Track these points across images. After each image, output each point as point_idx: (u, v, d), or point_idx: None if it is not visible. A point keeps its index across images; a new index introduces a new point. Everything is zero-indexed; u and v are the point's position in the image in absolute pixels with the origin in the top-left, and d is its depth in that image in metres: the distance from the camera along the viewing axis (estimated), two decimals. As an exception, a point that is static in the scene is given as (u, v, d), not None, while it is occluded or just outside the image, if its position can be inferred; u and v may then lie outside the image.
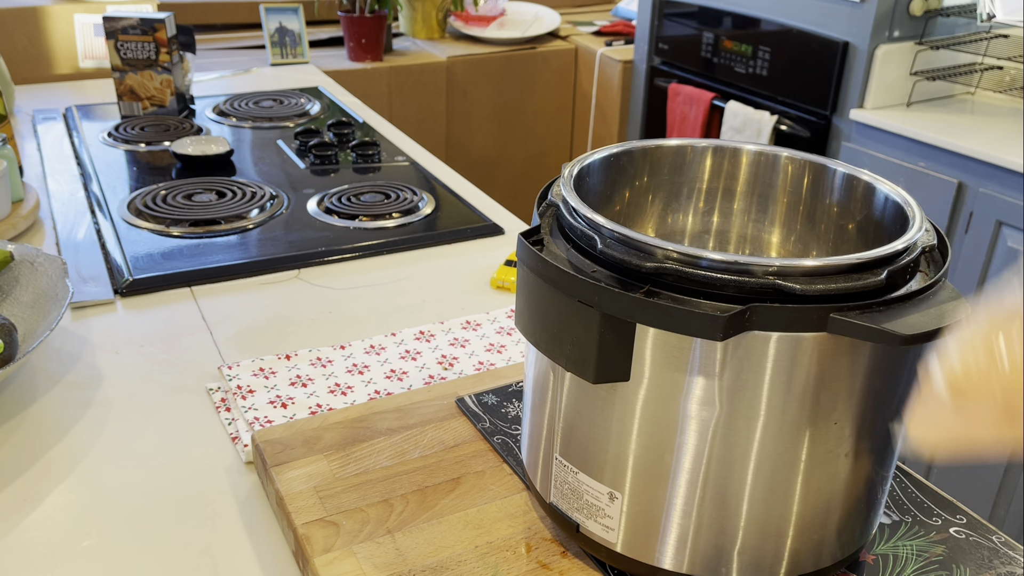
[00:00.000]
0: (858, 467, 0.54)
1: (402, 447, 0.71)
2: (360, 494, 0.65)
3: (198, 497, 0.71)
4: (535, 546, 0.61)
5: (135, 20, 1.59)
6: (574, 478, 0.58)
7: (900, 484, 0.68)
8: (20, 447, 0.77)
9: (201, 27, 2.43)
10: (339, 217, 1.21)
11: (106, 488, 0.72)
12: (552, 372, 0.57)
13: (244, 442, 0.76)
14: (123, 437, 0.78)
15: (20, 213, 1.17)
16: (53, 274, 0.90)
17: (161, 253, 1.10)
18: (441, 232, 1.18)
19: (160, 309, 0.99)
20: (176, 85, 1.65)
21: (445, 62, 2.51)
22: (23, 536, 0.67)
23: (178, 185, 1.29)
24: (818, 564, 0.57)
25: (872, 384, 0.51)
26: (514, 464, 0.69)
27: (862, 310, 0.47)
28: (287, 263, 1.09)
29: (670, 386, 0.51)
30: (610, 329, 0.50)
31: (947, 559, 0.61)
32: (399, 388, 0.84)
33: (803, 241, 0.68)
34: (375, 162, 1.44)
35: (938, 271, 0.52)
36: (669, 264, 0.49)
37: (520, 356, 0.91)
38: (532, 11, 2.81)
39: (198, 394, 0.84)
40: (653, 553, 0.56)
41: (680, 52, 2.37)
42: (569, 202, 0.55)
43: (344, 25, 2.41)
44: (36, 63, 2.09)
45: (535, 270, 0.53)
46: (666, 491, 0.54)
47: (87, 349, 0.91)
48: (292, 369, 0.86)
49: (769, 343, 0.48)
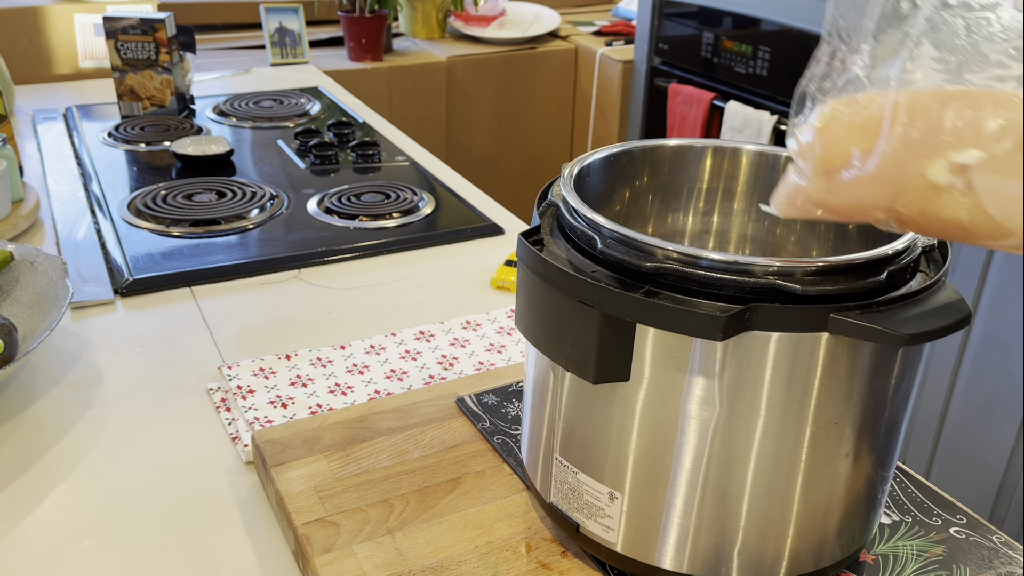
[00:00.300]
0: (858, 467, 0.54)
1: (402, 447, 0.71)
2: (360, 494, 0.65)
3: (198, 497, 0.71)
4: (535, 546, 0.61)
5: (135, 20, 1.59)
6: (574, 478, 0.58)
7: (900, 484, 0.68)
8: (20, 447, 0.77)
9: (201, 27, 2.43)
10: (339, 217, 1.21)
11: (106, 488, 0.72)
12: (552, 372, 0.57)
13: (244, 442, 0.76)
14: (123, 437, 0.78)
15: (20, 213, 1.17)
16: (53, 274, 0.90)
17: (161, 253, 1.10)
18: (441, 232, 1.18)
19: (160, 309, 0.99)
20: (176, 85, 1.65)
21: (445, 62, 2.51)
22: (23, 536, 0.67)
23: (178, 185, 1.29)
24: (818, 564, 0.57)
25: (872, 384, 0.51)
26: (514, 464, 0.69)
27: (862, 310, 0.47)
28: (287, 263, 1.09)
29: (670, 386, 0.51)
30: (610, 329, 0.50)
31: (947, 559, 0.61)
32: (399, 388, 0.84)
33: (803, 241, 0.68)
34: (375, 162, 1.44)
35: (938, 271, 0.52)
36: (669, 264, 0.49)
37: (520, 356, 0.91)
38: (532, 11, 2.81)
39: (198, 394, 0.84)
40: (653, 553, 0.56)
41: (680, 52, 2.37)
42: (569, 202, 0.55)
43: (344, 25, 2.41)
44: (36, 63, 2.09)
45: (535, 270, 0.53)
46: (666, 491, 0.54)
47: (87, 349, 0.91)
48: (292, 369, 0.86)
49: (769, 343, 0.48)
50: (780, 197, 0.48)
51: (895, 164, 0.42)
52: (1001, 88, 0.41)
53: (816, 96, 0.47)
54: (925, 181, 0.41)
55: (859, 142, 0.44)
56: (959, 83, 0.43)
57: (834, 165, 0.45)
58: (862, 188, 0.44)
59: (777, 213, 0.49)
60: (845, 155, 0.44)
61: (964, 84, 0.42)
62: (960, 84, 0.42)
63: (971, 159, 0.40)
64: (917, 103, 0.42)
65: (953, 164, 0.40)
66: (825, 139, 0.45)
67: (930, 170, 0.41)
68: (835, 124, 0.45)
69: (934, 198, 0.42)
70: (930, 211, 0.42)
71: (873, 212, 0.44)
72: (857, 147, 0.44)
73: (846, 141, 0.44)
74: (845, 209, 0.46)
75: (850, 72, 0.46)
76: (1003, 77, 0.41)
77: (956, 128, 0.40)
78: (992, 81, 0.42)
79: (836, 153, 0.45)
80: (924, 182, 0.41)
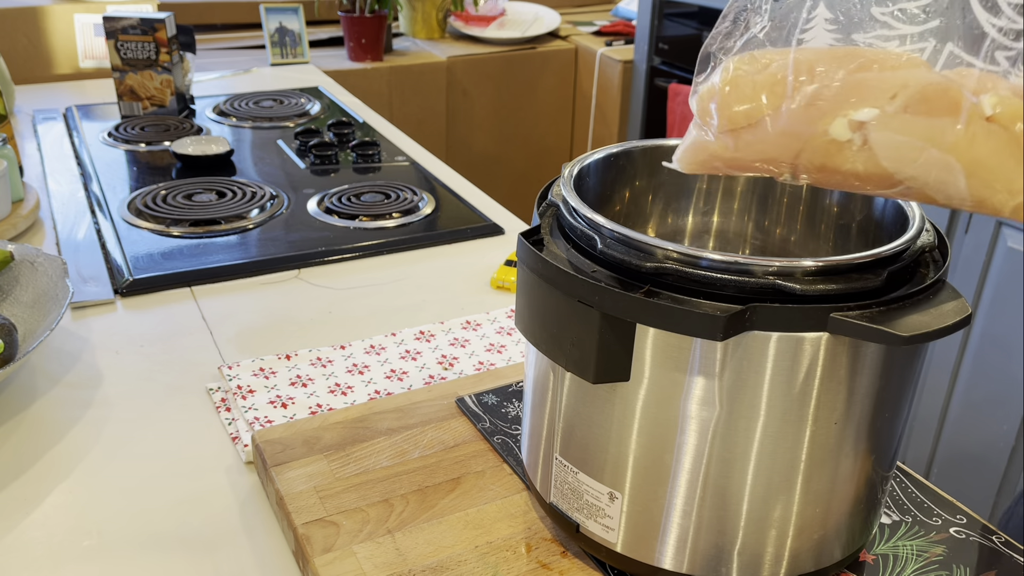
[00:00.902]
0: (858, 467, 0.54)
1: (402, 447, 0.71)
2: (360, 494, 0.65)
3: (198, 497, 0.71)
4: (535, 546, 0.61)
5: (135, 20, 1.59)
6: (574, 478, 0.58)
7: (900, 484, 0.68)
8: (20, 447, 0.77)
9: (201, 27, 2.43)
10: (339, 217, 1.21)
11: (106, 488, 0.72)
12: (552, 372, 0.57)
13: (244, 442, 0.76)
14: (123, 437, 0.78)
15: (20, 213, 1.17)
16: (53, 274, 0.90)
17: (161, 253, 1.10)
18: (441, 232, 1.18)
19: (160, 309, 0.99)
20: (176, 85, 1.65)
21: (445, 62, 2.51)
22: (23, 536, 0.67)
23: (178, 185, 1.30)
24: (818, 564, 0.57)
25: (872, 384, 0.51)
26: (514, 464, 0.69)
27: (862, 310, 0.47)
28: (287, 263, 1.09)
29: (670, 386, 0.51)
30: (610, 329, 0.50)
31: (947, 559, 0.61)
32: (399, 388, 0.84)
33: (803, 241, 0.68)
34: (375, 162, 1.44)
35: (938, 271, 0.52)
36: (669, 264, 0.49)
37: (520, 356, 0.91)
38: (532, 11, 2.81)
39: (198, 394, 0.84)
40: (653, 553, 0.56)
41: (680, 52, 2.37)
42: (569, 202, 0.55)
43: (344, 25, 2.41)
44: (36, 63, 2.09)
45: (535, 270, 0.53)
46: (666, 491, 0.54)
47: (87, 349, 0.91)
48: (292, 369, 0.86)
49: (769, 343, 0.48)
50: (684, 153, 0.51)
51: (799, 121, 0.45)
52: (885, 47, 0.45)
53: (718, 56, 0.49)
54: (827, 137, 0.45)
55: (765, 100, 0.46)
56: (847, 43, 0.46)
57: (739, 123, 0.47)
58: (767, 144, 0.46)
59: (681, 168, 0.51)
60: (751, 113, 0.47)
61: (851, 44, 0.46)
62: (848, 43, 0.46)
63: (868, 116, 0.43)
64: (816, 62, 0.45)
65: (852, 121, 0.44)
66: (730, 97, 0.47)
67: (833, 127, 0.44)
68: (740, 82, 0.47)
69: (835, 153, 0.45)
70: (830, 165, 0.45)
71: (774, 166, 0.47)
72: (762, 105, 0.46)
73: (751, 99, 0.46)
74: (748, 164, 0.48)
75: (750, 32, 0.48)
76: (887, 37, 0.45)
77: (854, 87, 0.44)
78: (876, 40, 0.45)
79: (742, 111, 0.47)
80: (826, 138, 0.45)
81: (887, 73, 0.44)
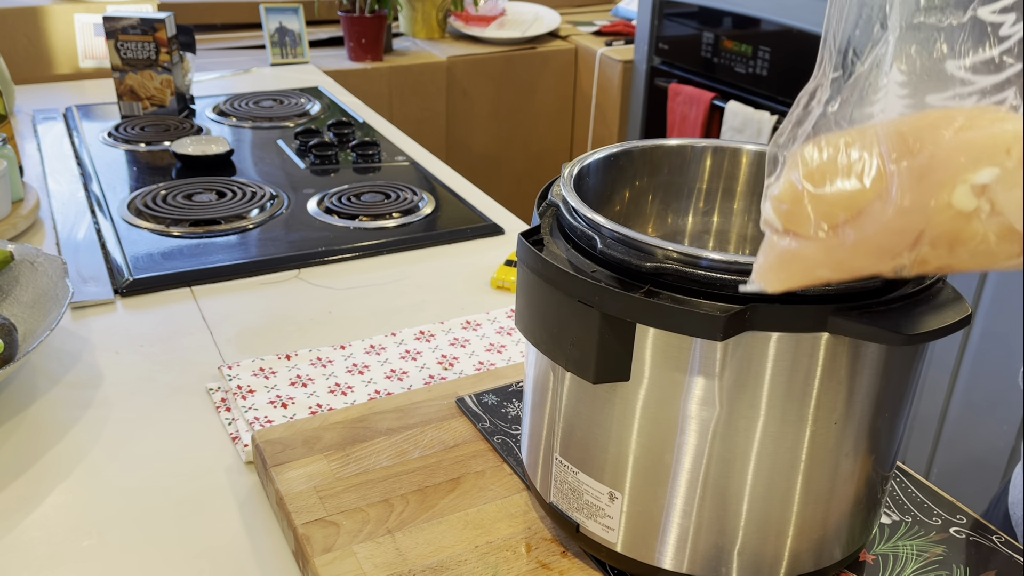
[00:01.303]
0: (858, 467, 0.54)
1: (402, 447, 0.71)
2: (360, 494, 0.65)
3: (198, 497, 0.71)
4: (535, 546, 0.61)
5: (135, 20, 1.59)
6: (574, 478, 0.58)
7: (900, 484, 0.68)
8: (20, 447, 0.77)
9: (201, 27, 2.43)
10: (339, 217, 1.21)
11: (106, 488, 0.72)
12: (552, 372, 0.57)
13: (244, 442, 0.76)
14: (123, 437, 0.78)
15: (20, 213, 1.17)
16: (53, 274, 0.90)
17: (161, 253, 1.10)
18: (441, 232, 1.18)
19: (160, 309, 0.99)
20: (176, 85, 1.65)
21: (445, 62, 2.51)
22: (23, 536, 0.67)
23: (178, 185, 1.29)
24: (818, 564, 0.57)
25: (872, 384, 0.51)
26: (514, 464, 0.69)
27: (862, 310, 0.47)
28: (287, 263, 1.09)
29: (670, 386, 0.51)
30: (610, 329, 0.50)
31: (947, 559, 0.61)
32: (399, 388, 0.84)
33: (803, 241, 0.68)
34: (375, 162, 1.44)
35: (938, 271, 0.52)
36: (669, 264, 0.49)
37: (520, 356, 0.91)
38: (532, 11, 2.81)
39: (198, 394, 0.84)
40: (653, 553, 0.56)
41: (680, 52, 2.37)
42: (569, 202, 0.55)
43: (344, 25, 2.41)
44: (36, 63, 2.09)
45: (535, 270, 0.53)
46: (666, 491, 0.54)
47: (87, 349, 0.91)
48: (292, 369, 0.86)
49: (769, 343, 0.48)
50: (771, 272, 0.44)
51: (916, 198, 0.39)
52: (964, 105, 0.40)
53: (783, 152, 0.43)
54: (952, 210, 0.39)
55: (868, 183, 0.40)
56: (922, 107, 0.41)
57: (838, 218, 0.41)
58: (880, 235, 0.40)
59: (771, 290, 0.44)
60: (852, 202, 0.41)
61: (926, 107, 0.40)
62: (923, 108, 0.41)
63: (990, 177, 0.38)
64: (906, 133, 0.40)
65: (975, 186, 0.39)
66: (817, 192, 0.41)
67: (955, 197, 0.39)
68: (827, 171, 0.41)
69: (964, 227, 0.39)
70: (959, 241, 0.40)
71: (891, 259, 0.41)
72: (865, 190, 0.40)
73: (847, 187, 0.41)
74: (859, 264, 0.42)
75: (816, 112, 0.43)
76: (963, 95, 0.40)
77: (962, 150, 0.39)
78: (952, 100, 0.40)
79: (840, 202, 0.41)
80: (951, 212, 0.39)
81: (991, 128, 0.39)
